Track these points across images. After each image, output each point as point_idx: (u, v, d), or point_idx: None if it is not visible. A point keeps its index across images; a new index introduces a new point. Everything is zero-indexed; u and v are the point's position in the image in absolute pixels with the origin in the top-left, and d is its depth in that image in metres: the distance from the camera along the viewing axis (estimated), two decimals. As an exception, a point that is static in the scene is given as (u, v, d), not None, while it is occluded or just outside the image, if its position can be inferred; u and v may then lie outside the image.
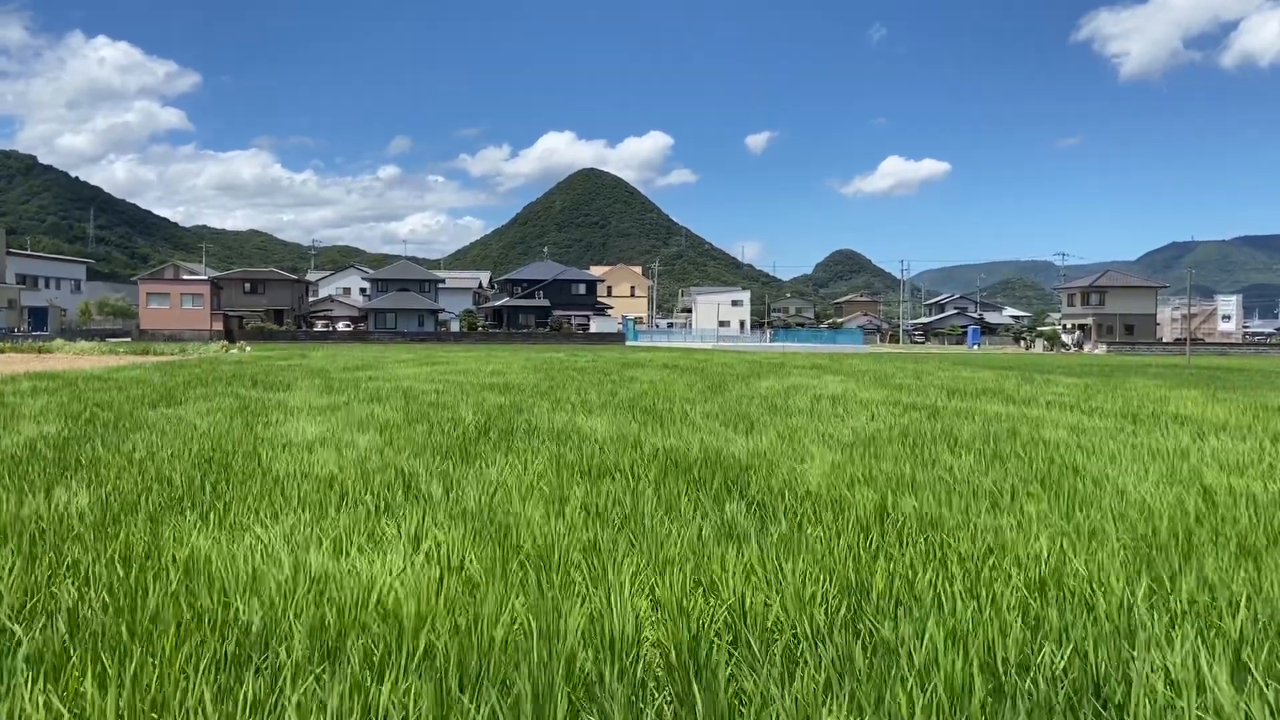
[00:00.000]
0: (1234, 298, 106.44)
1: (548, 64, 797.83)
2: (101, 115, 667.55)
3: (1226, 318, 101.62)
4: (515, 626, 3.47)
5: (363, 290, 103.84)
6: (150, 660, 3.04)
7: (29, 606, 3.65)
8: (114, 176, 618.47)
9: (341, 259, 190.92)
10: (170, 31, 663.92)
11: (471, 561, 4.31)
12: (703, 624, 3.51)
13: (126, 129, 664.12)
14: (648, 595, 3.87)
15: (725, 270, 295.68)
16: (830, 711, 2.79)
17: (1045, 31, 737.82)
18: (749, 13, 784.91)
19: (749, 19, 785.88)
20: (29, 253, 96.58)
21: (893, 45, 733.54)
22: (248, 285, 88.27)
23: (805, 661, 3.16)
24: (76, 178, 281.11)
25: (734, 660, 3.21)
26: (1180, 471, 7.40)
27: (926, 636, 3.24)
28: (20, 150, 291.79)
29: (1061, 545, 4.71)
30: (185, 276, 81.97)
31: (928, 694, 2.84)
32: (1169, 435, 10.05)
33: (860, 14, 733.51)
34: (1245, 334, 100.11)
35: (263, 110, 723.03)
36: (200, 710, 2.73)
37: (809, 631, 3.44)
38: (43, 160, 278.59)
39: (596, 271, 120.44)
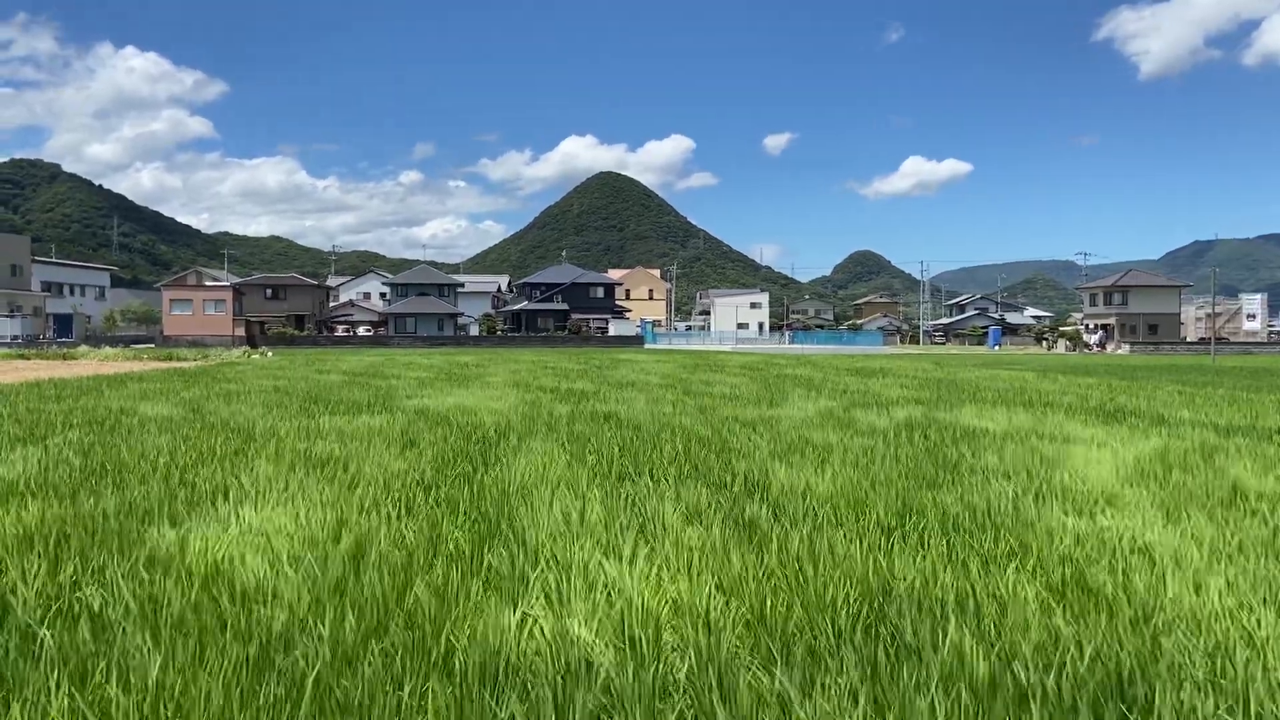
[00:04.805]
0: (1259, 296, 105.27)
1: (570, 68, 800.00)
2: (129, 124, 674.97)
3: (1251, 316, 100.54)
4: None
5: (383, 295, 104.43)
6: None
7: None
8: (140, 184, 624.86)
9: (362, 264, 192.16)
10: (198, 41, 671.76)
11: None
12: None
13: (154, 137, 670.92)
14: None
15: (743, 272, 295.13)
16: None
17: (1065, 30, 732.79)
18: (768, 14, 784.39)
19: (768, 20, 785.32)
20: (53, 260, 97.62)
21: (912, 45, 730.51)
22: (269, 291, 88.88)
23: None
24: (100, 185, 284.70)
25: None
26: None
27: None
28: (47, 159, 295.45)
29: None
30: (207, 283, 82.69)
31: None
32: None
33: (880, 14, 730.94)
34: (1270, 333, 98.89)
35: (288, 118, 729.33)
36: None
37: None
38: (70, 169, 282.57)
39: (615, 275, 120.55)
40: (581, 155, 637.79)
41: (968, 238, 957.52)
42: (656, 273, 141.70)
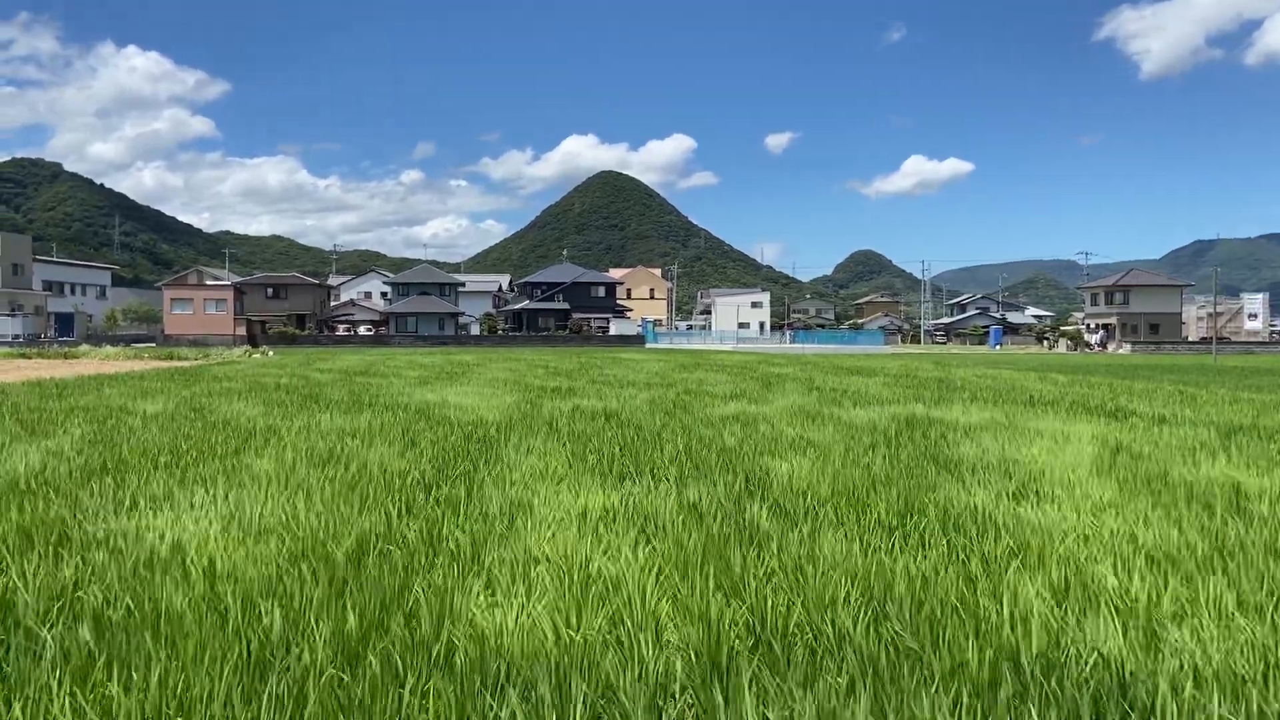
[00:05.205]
0: (1260, 295, 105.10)
1: (571, 68, 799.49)
2: (131, 124, 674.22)
3: (1253, 316, 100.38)
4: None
5: (384, 294, 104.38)
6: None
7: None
8: (141, 183, 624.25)
9: (363, 263, 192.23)
10: (199, 41, 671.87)
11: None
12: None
13: (156, 137, 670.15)
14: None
15: (744, 272, 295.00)
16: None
17: (1066, 30, 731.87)
18: (769, 13, 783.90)
19: (769, 20, 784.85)
20: (55, 259, 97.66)
21: (913, 45, 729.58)
22: (270, 290, 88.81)
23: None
24: (102, 184, 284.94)
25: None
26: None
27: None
28: (48, 158, 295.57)
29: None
30: (209, 282, 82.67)
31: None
32: None
33: (880, 14, 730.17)
34: (1272, 332, 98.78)
35: (289, 117, 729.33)
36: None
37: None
38: (72, 168, 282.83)
39: (616, 274, 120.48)
40: (583, 154, 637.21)
41: (969, 237, 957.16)
42: (658, 272, 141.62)
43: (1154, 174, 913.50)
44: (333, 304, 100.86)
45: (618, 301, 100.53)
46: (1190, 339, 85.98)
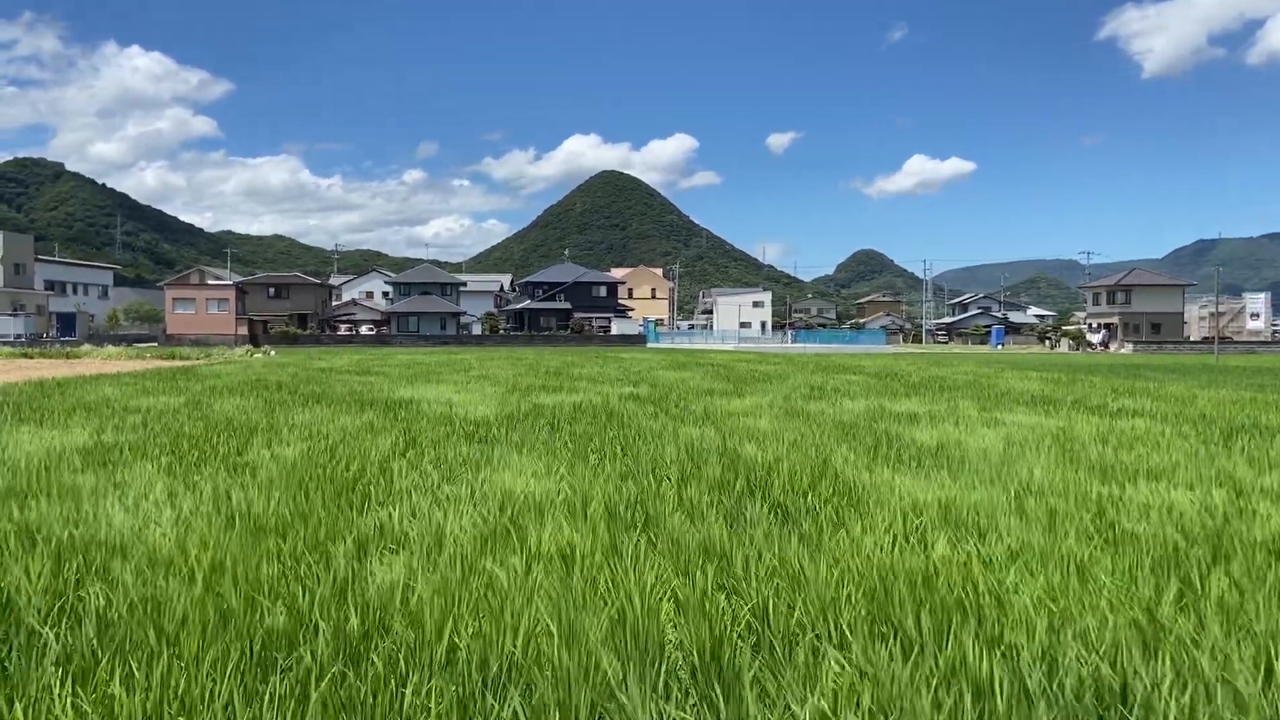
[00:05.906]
0: (1263, 295, 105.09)
1: (573, 68, 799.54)
2: (133, 123, 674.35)
3: (1255, 315, 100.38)
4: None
5: (385, 294, 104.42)
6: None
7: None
8: (144, 183, 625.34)
9: (365, 263, 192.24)
10: (202, 41, 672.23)
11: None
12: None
13: (158, 136, 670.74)
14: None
15: (746, 271, 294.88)
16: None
17: (1068, 30, 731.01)
18: (770, 13, 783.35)
19: (771, 20, 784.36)
20: (57, 259, 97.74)
21: (914, 45, 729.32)
22: (272, 290, 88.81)
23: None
24: (104, 184, 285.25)
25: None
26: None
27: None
28: (50, 158, 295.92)
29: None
30: (211, 282, 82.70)
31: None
32: None
33: (882, 14, 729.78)
34: (1274, 332, 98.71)
35: (292, 117, 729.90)
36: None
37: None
38: (74, 168, 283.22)
39: (617, 274, 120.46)
40: (585, 154, 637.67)
41: (970, 237, 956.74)
42: (659, 272, 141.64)
43: (1156, 173, 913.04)
44: (334, 304, 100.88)
45: (619, 301, 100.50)
46: (1192, 338, 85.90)
